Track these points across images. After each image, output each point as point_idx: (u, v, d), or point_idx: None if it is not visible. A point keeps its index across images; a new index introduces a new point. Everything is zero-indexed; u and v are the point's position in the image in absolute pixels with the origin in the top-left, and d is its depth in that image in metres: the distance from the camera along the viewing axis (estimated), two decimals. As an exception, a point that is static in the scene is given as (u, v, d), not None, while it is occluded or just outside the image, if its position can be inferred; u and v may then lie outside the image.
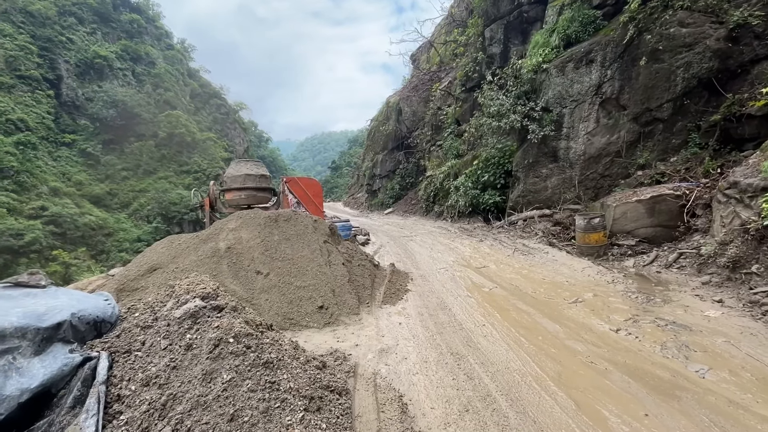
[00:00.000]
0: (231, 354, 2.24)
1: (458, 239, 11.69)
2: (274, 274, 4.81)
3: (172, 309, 2.49)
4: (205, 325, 2.37)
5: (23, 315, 2.03)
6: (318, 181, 10.48)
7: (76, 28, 53.57)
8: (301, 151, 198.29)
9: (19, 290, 2.34)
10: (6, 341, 1.88)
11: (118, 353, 2.22)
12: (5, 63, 43.36)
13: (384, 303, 5.38)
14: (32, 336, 1.98)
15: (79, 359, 2.05)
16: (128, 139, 55.25)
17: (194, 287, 2.66)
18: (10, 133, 40.82)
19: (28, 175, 40.29)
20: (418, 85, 21.95)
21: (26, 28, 47.37)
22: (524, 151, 12.80)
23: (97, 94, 52.44)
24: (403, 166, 22.60)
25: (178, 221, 53.81)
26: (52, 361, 1.97)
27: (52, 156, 47.25)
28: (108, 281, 4.89)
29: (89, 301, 2.43)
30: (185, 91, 67.67)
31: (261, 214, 5.65)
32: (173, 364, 2.15)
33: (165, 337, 2.29)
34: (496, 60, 15.16)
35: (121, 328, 2.39)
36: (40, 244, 35.95)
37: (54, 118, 48.19)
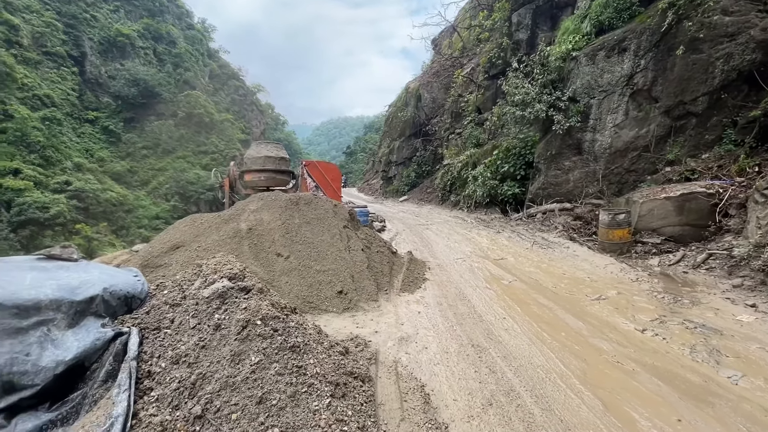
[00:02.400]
0: (259, 336, 2.23)
1: (475, 230, 11.54)
2: (294, 257, 4.81)
3: (200, 288, 2.48)
4: (233, 306, 2.36)
5: (58, 287, 2.04)
6: (337, 165, 10.41)
7: (100, 6, 54.00)
8: (316, 136, 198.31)
9: (52, 263, 2.36)
10: (41, 313, 1.89)
11: (147, 330, 2.23)
12: (32, 39, 44.13)
13: (402, 291, 5.34)
14: (66, 309, 1.99)
15: (111, 334, 2.06)
16: (148, 117, 56.03)
17: (221, 267, 2.65)
18: (37, 109, 41.80)
19: (53, 150, 41.36)
20: (439, 71, 21.47)
21: (52, 5, 47.97)
22: (547, 143, 12.45)
23: (120, 72, 53.08)
24: (420, 154, 22.32)
25: (195, 200, 54.75)
26: (85, 335, 1.99)
27: (76, 132, 48.30)
28: (132, 257, 4.97)
29: (120, 276, 2.44)
30: (204, 72, 67.96)
31: (282, 197, 5.64)
32: (202, 343, 2.14)
33: (194, 316, 2.29)
34: (523, 46, 14.65)
35: (151, 304, 2.40)
36: (64, 218, 37.07)
37: (78, 94, 49.09)
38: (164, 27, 61.10)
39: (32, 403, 1.74)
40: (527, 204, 13.01)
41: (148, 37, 58.80)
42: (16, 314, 1.80)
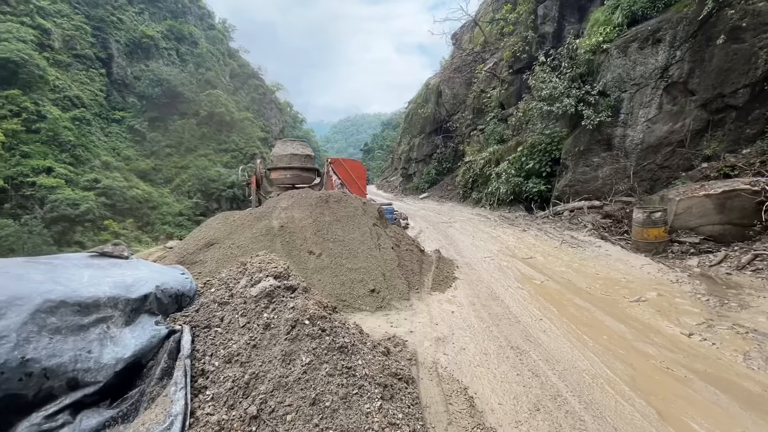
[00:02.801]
0: (307, 336, 2.20)
1: (500, 228, 11.34)
2: (326, 255, 4.80)
3: (246, 286, 2.48)
4: (281, 305, 2.34)
5: (114, 285, 2.06)
6: (362, 163, 10.40)
7: (126, 9, 55.52)
8: (334, 133, 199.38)
9: (105, 260, 2.40)
10: (101, 310, 1.91)
11: (198, 327, 2.23)
12: (63, 42, 45.78)
13: (433, 290, 5.27)
14: (123, 306, 2.01)
15: (164, 332, 2.08)
16: (172, 116, 57.40)
17: (266, 266, 2.64)
18: (67, 109, 43.35)
19: (83, 149, 42.89)
20: (460, 66, 21.16)
21: (81, 9, 49.61)
22: (575, 138, 12.11)
23: (144, 72, 54.52)
24: (441, 151, 22.10)
25: (216, 198, 55.87)
26: (141, 332, 2.00)
27: (104, 131, 49.90)
28: (167, 253, 5.07)
29: (169, 274, 2.46)
30: (225, 71, 69.12)
31: (312, 194, 5.64)
32: (253, 342, 2.13)
33: (243, 314, 2.29)
34: (549, 40, 14.25)
35: (200, 303, 2.41)
36: (93, 214, 38.39)
37: (105, 95, 50.69)
38: (187, 28, 62.42)
39: (95, 400, 1.76)
40: (553, 201, 12.70)
41: (171, 38, 60.19)
42: (78, 311, 1.83)
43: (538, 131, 12.92)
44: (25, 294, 1.73)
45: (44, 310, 1.72)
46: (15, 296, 1.69)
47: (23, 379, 1.57)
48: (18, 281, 1.80)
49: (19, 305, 1.68)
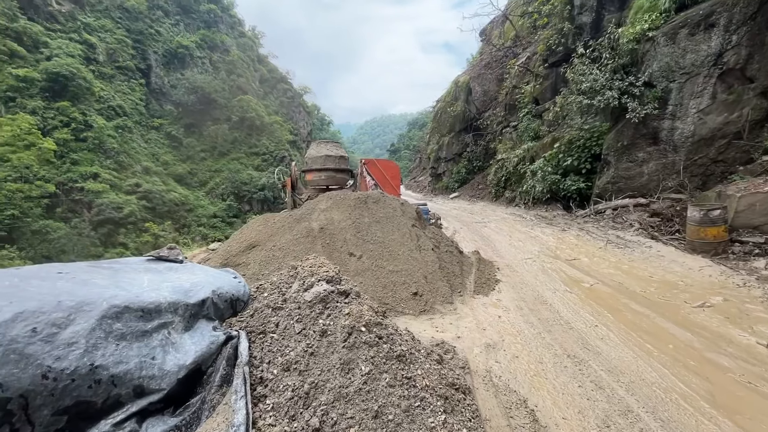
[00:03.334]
0: (365, 344, 2.11)
1: (537, 227, 10.92)
2: (367, 257, 4.73)
3: (299, 291, 2.42)
4: (336, 311, 2.27)
5: (173, 290, 2.05)
6: (396, 163, 10.30)
7: (163, 21, 58.22)
8: (360, 134, 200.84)
9: (161, 264, 2.41)
10: (162, 316, 1.90)
11: (254, 333, 2.19)
12: (107, 55, 48.57)
13: (476, 293, 5.08)
14: (182, 312, 1.99)
15: (222, 337, 2.04)
16: (206, 122, 59.64)
17: (317, 269, 2.58)
18: (111, 118, 45.92)
19: (125, 156, 45.29)
20: (490, 63, 20.66)
21: (123, 23, 52.45)
22: (618, 133, 11.48)
23: (180, 81, 56.96)
24: (471, 149, 21.66)
25: (248, 200, 57.62)
26: (200, 338, 1.98)
27: (144, 138, 52.49)
28: (210, 255, 5.16)
29: (223, 278, 2.45)
30: (255, 77, 71.09)
31: (351, 195, 5.59)
32: (310, 350, 2.06)
33: (298, 320, 2.22)
34: (586, 30, 13.61)
35: (254, 307, 2.38)
36: (135, 217, 40.44)
37: (145, 104, 53.32)
38: (219, 36, 64.70)
39: (159, 408, 1.74)
40: (594, 200, 12.10)
41: (204, 47, 62.57)
42: (141, 317, 1.82)
43: (577, 126, 12.35)
44: (92, 299, 1.73)
45: (110, 316, 1.72)
46: (83, 301, 1.69)
47: (92, 387, 1.56)
48: (84, 286, 1.81)
49: (87, 311, 1.67)
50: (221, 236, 50.65)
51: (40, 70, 38.13)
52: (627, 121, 10.87)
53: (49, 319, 1.57)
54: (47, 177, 34.92)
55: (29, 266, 1.89)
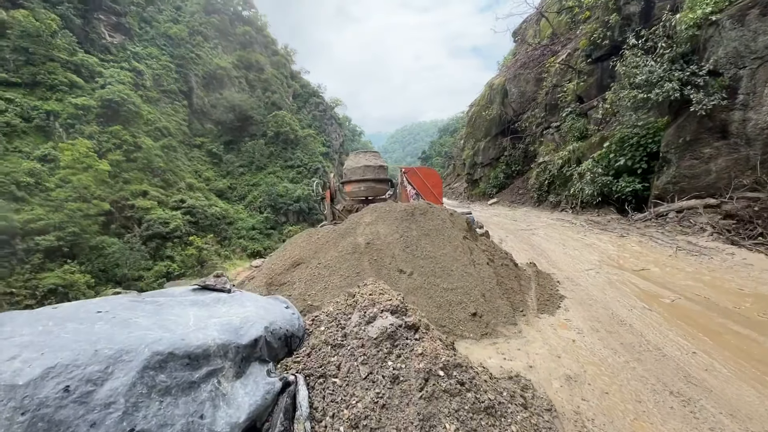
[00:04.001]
0: (445, 393, 1.74)
1: (591, 234, 10.08)
2: (418, 274, 4.35)
3: (361, 324, 2.09)
4: (407, 350, 1.91)
5: (222, 328, 1.77)
6: (437, 171, 9.90)
7: (203, 45, 61.61)
8: (391, 143, 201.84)
9: (207, 294, 2.16)
10: (210, 361, 1.62)
11: (312, 377, 1.88)
12: (153, 80, 51.89)
13: (540, 312, 4.55)
14: (233, 355, 1.71)
15: (279, 385, 1.74)
16: (243, 139, 62.09)
17: (378, 297, 2.24)
18: (157, 139, 48.80)
19: (171, 173, 47.86)
20: (526, 63, 19.84)
21: (167, 50, 56.00)
22: (678, 128, 10.46)
23: (219, 100, 59.80)
24: (509, 153, 20.81)
25: (285, 211, 59.05)
26: (254, 387, 1.68)
27: (187, 156, 55.36)
28: (255, 273, 4.98)
29: (275, 310, 2.16)
30: (288, 92, 73.41)
31: (396, 207, 5.27)
32: (381, 401, 1.72)
33: (363, 362, 1.89)
34: (635, 21, 12.66)
35: (310, 345, 2.07)
36: (181, 231, 42.40)
37: (188, 124, 56.34)
38: (254, 56, 67.53)
39: (209, 476, 1.44)
40: (653, 201, 11.07)
41: (240, 67, 65.49)
42: (187, 365, 1.54)
43: (631, 123, 11.40)
44: (133, 346, 1.47)
45: (153, 366, 1.46)
46: (123, 349, 1.44)
47: (133, 457, 1.29)
48: (125, 329, 1.57)
49: (127, 361, 1.42)
50: (260, 248, 52.22)
51: (95, 97, 41.28)
52: (689, 114, 9.88)
53: (83, 374, 1.32)
54: (103, 196, 37.43)
55: (68, 305, 1.68)
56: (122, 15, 50.82)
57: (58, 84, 39.26)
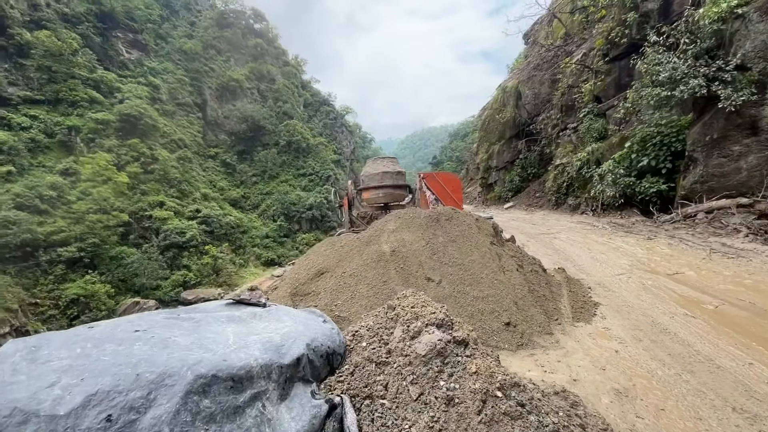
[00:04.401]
0: (505, 416, 1.59)
1: (616, 237, 9.76)
2: (446, 282, 4.20)
3: (405, 339, 1.96)
4: (459, 369, 1.77)
5: (263, 347, 1.67)
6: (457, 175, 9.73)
7: (216, 58, 62.93)
8: (401, 149, 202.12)
9: (242, 309, 2.06)
10: (254, 383, 1.51)
11: (358, 398, 1.75)
12: (169, 94, 53.13)
13: (576, 320, 4.34)
14: (276, 376, 1.60)
15: (325, 408, 1.62)
16: (256, 148, 62.93)
17: (421, 310, 2.11)
18: (173, 151, 49.78)
19: (186, 184, 48.68)
20: (540, 64, 19.60)
21: (181, 64, 57.35)
22: (705, 125, 10.11)
23: (232, 112, 60.85)
24: (524, 156, 20.51)
25: (297, 219, 59.42)
26: (299, 411, 1.56)
27: (202, 167, 56.28)
28: (278, 282, 4.90)
29: (314, 325, 2.05)
30: (299, 102, 74.29)
31: (420, 214, 5.14)
32: (437, 426, 1.58)
33: (413, 382, 1.76)
34: (654, 18, 12.36)
35: (352, 362, 1.95)
36: (196, 240, 42.93)
37: (202, 135, 57.38)
38: (265, 67, 68.66)
39: None
40: (680, 202, 10.69)
41: (252, 79, 66.61)
42: (230, 388, 1.44)
43: (653, 122, 11.08)
44: (175, 369, 1.37)
45: (196, 391, 1.35)
46: (165, 372, 1.34)
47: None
48: (164, 349, 1.47)
49: (170, 386, 1.32)
50: (273, 256, 52.57)
51: (114, 112, 42.41)
52: (716, 111, 9.56)
53: (126, 402, 1.23)
54: (121, 207, 38.23)
55: (104, 324, 1.59)
56: (139, 32, 52.31)
57: (79, 100, 40.48)
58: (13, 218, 29.69)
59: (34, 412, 1.10)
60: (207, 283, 42.14)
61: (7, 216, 29.37)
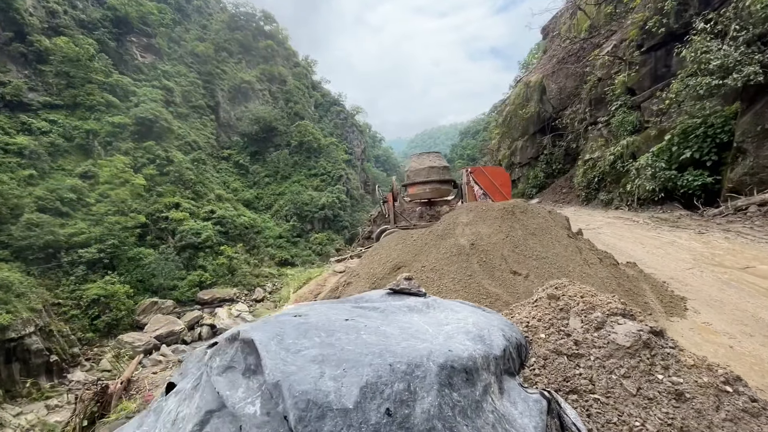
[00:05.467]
0: (745, 413, 1.43)
1: (664, 231, 9.48)
2: (534, 276, 4.04)
3: (588, 330, 1.81)
4: (672, 361, 1.62)
5: (468, 336, 1.53)
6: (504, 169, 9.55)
7: (227, 61, 63.37)
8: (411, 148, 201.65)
9: (405, 299, 1.93)
10: (480, 376, 1.37)
11: (560, 392, 1.61)
12: (182, 97, 53.61)
13: (669, 315, 4.15)
14: (494, 368, 1.46)
15: (544, 403, 1.47)
16: (268, 149, 63.19)
17: (593, 299, 1.96)
18: (187, 153, 50.19)
19: (201, 186, 49.04)
20: (565, 58, 19.27)
21: (194, 67, 57.86)
22: (756, 115, 9.78)
23: (244, 113, 61.20)
24: (549, 151, 20.19)
25: (310, 219, 59.53)
26: (523, 406, 1.42)
27: (216, 168, 56.70)
28: (346, 278, 4.77)
29: (490, 315, 1.91)
30: (310, 102, 74.47)
31: (494, 207, 4.98)
32: (676, 422, 1.42)
33: (625, 375, 1.61)
34: (693, 5, 12.02)
35: (539, 354, 1.80)
36: (212, 241, 43.19)
37: (215, 137, 57.78)
38: (276, 69, 68.94)
39: None
40: (728, 195, 10.36)
41: (264, 80, 66.92)
42: (467, 380, 1.30)
43: (698, 112, 10.75)
44: (415, 360, 1.24)
45: (445, 383, 1.22)
46: (411, 363, 1.21)
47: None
48: (387, 339, 1.35)
49: (421, 377, 1.19)
50: (287, 255, 52.71)
51: (130, 115, 42.90)
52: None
53: (393, 394, 1.10)
54: (139, 209, 38.60)
55: (310, 312, 1.47)
56: (152, 36, 52.86)
57: (96, 104, 41.00)
58: (36, 220, 30.15)
59: (326, 405, 0.97)
60: (222, 283, 42.40)
61: (30, 218, 29.84)
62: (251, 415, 1.00)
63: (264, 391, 1.04)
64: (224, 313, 36.58)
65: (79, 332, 29.34)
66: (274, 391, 0.98)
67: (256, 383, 1.10)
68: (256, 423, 0.98)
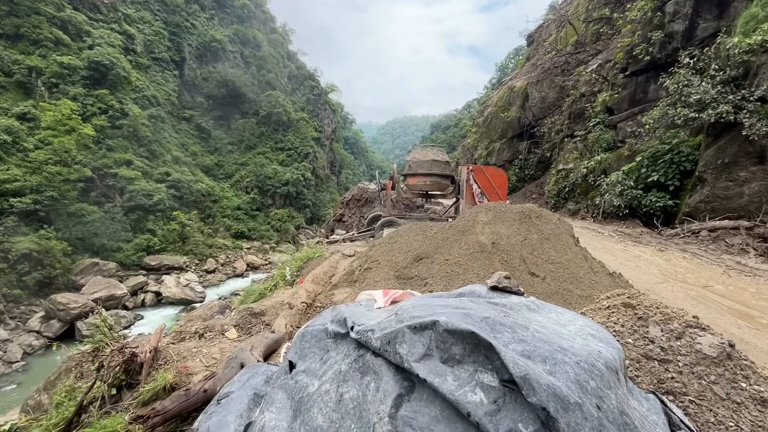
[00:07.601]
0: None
1: (630, 245, 10.34)
2: (550, 279, 4.30)
3: (669, 339, 2.00)
4: (749, 371, 1.84)
5: (594, 339, 1.63)
6: (503, 170, 9.83)
7: (198, 15, 58.80)
8: (381, 134, 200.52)
9: (509, 297, 2.00)
10: (619, 377, 1.48)
11: (656, 393, 1.77)
12: (144, 46, 49.17)
13: (658, 324, 4.60)
14: (624, 370, 1.58)
15: (658, 404, 1.62)
16: (234, 116, 60.06)
17: (665, 310, 2.15)
18: (145, 108, 46.38)
19: (157, 145, 45.71)
20: (550, 68, 20.05)
21: (160, 15, 53.10)
22: (719, 150, 10.82)
23: (212, 74, 57.45)
24: (524, 157, 21.08)
25: (272, 194, 57.81)
26: (647, 405, 1.57)
27: (175, 129, 53.01)
28: (369, 264, 4.77)
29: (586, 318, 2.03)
30: (284, 73, 71.41)
31: (512, 209, 5.18)
32: (766, 425, 1.63)
33: (714, 382, 1.80)
34: (677, 39, 12.95)
35: (631, 357, 1.95)
36: (164, 205, 40.65)
37: (177, 95, 53.83)
38: (251, 32, 65.10)
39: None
40: (683, 218, 11.46)
41: (236, 42, 63.01)
42: (618, 380, 1.41)
43: (668, 139, 11.72)
44: (586, 356, 1.32)
45: (613, 381, 1.31)
46: (588, 360, 1.29)
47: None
48: (553, 337, 1.40)
49: (599, 376, 1.27)
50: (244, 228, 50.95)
51: (82, 58, 38.68)
52: (732, 137, 10.26)
53: (592, 390, 1.17)
54: (84, 161, 35.24)
55: (463, 298, 1.49)
56: (115, -29, 47.66)
57: (43, 39, 36.50)
58: (-40, 160, 26.66)
59: (565, 398, 1.02)
60: (172, 250, 40.24)
61: (-48, 157, 26.32)
62: (477, 403, 1.03)
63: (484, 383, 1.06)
64: (172, 281, 34.79)
65: (5, 288, 26.50)
66: (524, 384, 1.01)
67: (465, 373, 1.12)
68: (486, 411, 1.01)
